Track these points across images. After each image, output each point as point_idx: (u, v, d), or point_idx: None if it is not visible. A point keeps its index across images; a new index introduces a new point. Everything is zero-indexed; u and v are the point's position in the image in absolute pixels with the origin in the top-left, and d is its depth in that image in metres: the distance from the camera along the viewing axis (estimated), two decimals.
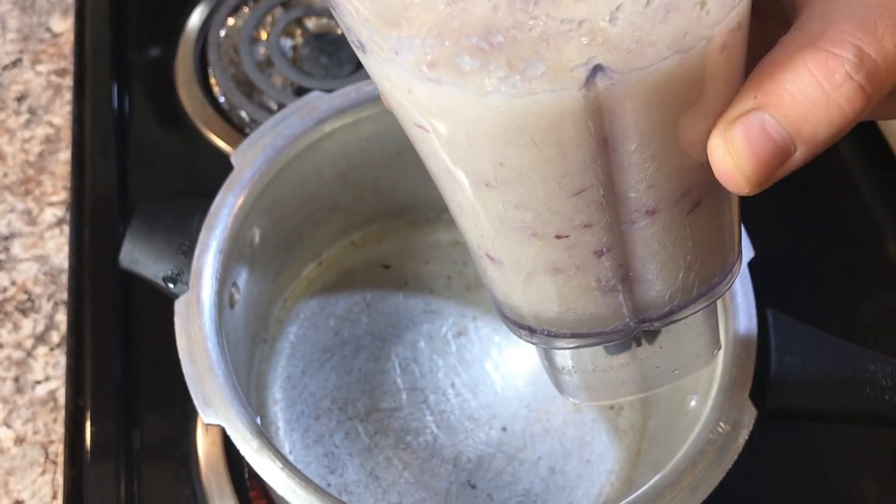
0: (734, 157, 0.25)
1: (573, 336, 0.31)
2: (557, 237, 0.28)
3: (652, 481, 0.40)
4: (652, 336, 0.32)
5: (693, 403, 0.46)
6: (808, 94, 0.24)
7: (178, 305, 0.42)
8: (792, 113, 0.24)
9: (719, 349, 0.34)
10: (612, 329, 0.31)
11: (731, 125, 0.25)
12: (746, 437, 0.40)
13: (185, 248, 0.45)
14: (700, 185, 0.27)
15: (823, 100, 0.24)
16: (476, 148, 0.26)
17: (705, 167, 0.26)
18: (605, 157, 0.26)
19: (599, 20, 0.22)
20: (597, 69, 0.23)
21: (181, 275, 0.45)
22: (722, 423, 0.41)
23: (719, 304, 0.38)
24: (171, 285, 0.45)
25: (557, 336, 0.31)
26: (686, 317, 0.31)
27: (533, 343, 0.32)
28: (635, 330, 0.31)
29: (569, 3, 0.22)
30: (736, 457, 0.40)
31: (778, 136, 0.24)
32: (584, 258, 0.28)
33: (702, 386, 0.45)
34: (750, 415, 0.41)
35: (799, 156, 0.25)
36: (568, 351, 0.33)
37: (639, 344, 0.32)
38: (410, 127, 0.27)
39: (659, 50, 0.23)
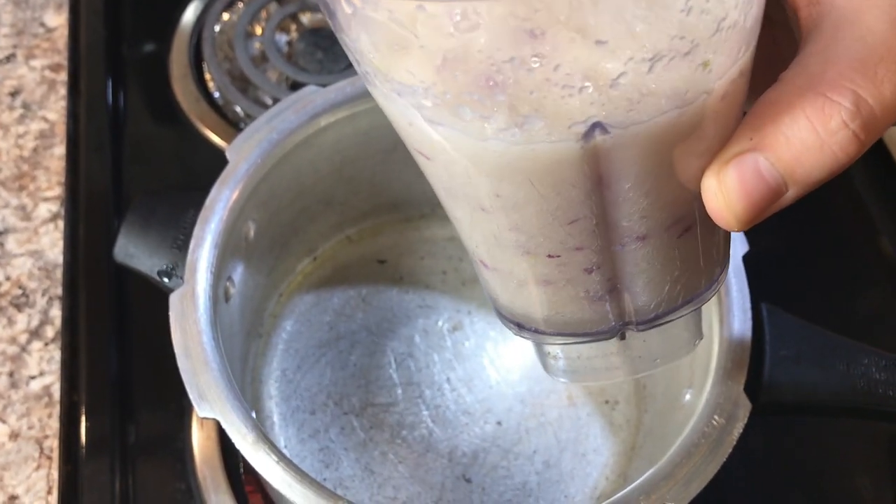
0: (726, 197, 0.25)
1: (560, 335, 0.32)
2: (549, 256, 0.29)
3: (646, 474, 0.40)
4: (638, 328, 0.33)
5: (688, 397, 0.46)
6: (804, 138, 0.24)
7: (173, 299, 0.42)
8: (786, 156, 0.24)
9: (701, 339, 0.35)
10: (597, 330, 0.32)
11: (725, 166, 0.25)
12: (741, 431, 0.40)
13: (180, 242, 0.45)
14: (691, 214, 0.28)
15: (818, 145, 0.24)
16: (473, 180, 0.27)
17: (697, 198, 0.26)
18: (600, 194, 0.26)
19: (601, 85, 0.23)
20: (595, 125, 0.24)
21: (176, 269, 0.45)
22: (716, 417, 0.41)
23: (714, 297, 0.39)
24: (165, 279, 0.45)
25: (545, 334, 0.32)
26: (670, 321, 0.32)
27: (522, 337, 0.34)
28: (620, 330, 0.32)
29: (569, 68, 0.22)
30: (730, 450, 0.40)
31: (771, 178, 0.25)
32: (574, 274, 0.29)
33: (697, 380, 0.45)
34: (744, 408, 0.41)
35: (790, 196, 0.25)
36: (558, 345, 0.34)
37: (623, 338, 0.33)
38: (413, 151, 0.29)
39: (659, 106, 0.24)
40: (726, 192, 0.25)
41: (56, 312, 0.57)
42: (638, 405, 0.54)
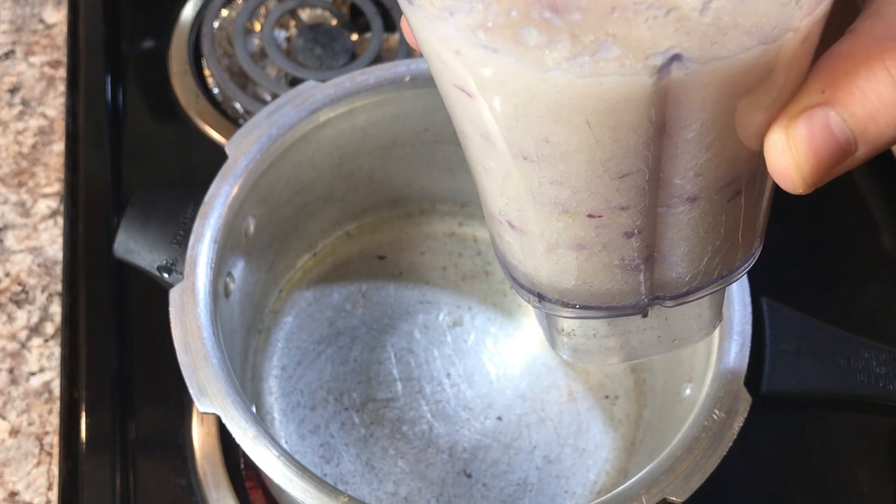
0: (794, 155, 0.23)
1: (583, 307, 0.30)
2: (590, 216, 0.26)
3: (647, 469, 0.40)
4: (660, 309, 0.32)
5: (688, 391, 0.46)
6: (881, 93, 0.22)
7: (173, 295, 0.42)
8: (860, 112, 0.22)
9: (721, 321, 0.34)
10: (623, 304, 0.30)
11: (794, 120, 0.23)
12: (741, 425, 0.40)
13: (180, 237, 0.45)
14: (745, 175, 0.26)
15: (894, 102, 0.22)
16: (523, 121, 0.24)
17: (756, 158, 0.25)
18: (659, 144, 0.24)
19: (690, 9, 0.21)
20: (674, 58, 0.22)
21: (176, 265, 0.45)
22: (717, 411, 0.41)
23: None
24: (165, 275, 0.45)
25: (567, 306, 0.30)
26: (700, 297, 0.30)
27: (539, 308, 0.31)
28: (647, 306, 0.30)
29: None
30: (731, 444, 0.40)
31: (841, 135, 0.23)
32: (612, 238, 0.27)
33: (697, 374, 0.45)
34: (745, 402, 0.41)
35: (859, 156, 0.23)
36: (574, 319, 0.32)
37: (645, 315, 0.31)
38: (448, 87, 0.26)
39: (743, 41, 0.22)
40: (795, 150, 0.23)
41: (56, 309, 0.57)
42: (638, 400, 0.54)
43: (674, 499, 0.39)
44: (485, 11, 0.22)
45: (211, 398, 0.39)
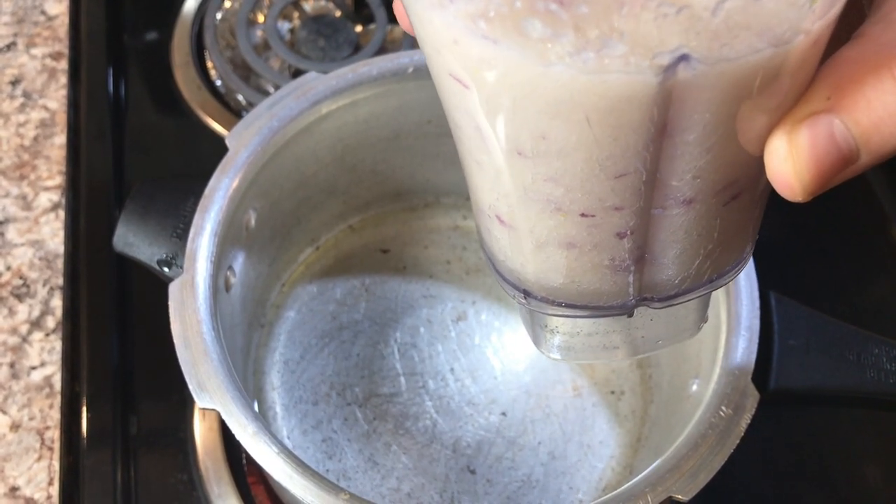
0: (795, 162, 0.23)
1: (569, 306, 0.30)
2: (583, 215, 0.26)
3: (653, 466, 0.39)
4: (645, 310, 0.31)
5: (695, 388, 0.45)
6: (887, 103, 0.22)
7: (173, 289, 0.42)
8: (865, 121, 0.22)
9: (706, 322, 0.34)
10: (610, 305, 0.29)
11: (797, 125, 0.23)
12: (749, 421, 0.40)
13: (180, 231, 0.45)
14: (743, 180, 0.26)
15: None
16: (520, 116, 0.23)
17: (755, 162, 0.24)
18: (659, 145, 0.24)
19: (701, 8, 0.20)
20: (682, 58, 0.21)
21: (176, 258, 0.44)
22: (724, 407, 0.40)
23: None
24: (165, 269, 0.44)
25: (553, 304, 0.30)
26: (688, 300, 0.30)
27: (525, 305, 0.31)
28: (634, 307, 0.30)
29: None
30: (738, 441, 0.39)
31: (844, 144, 0.22)
32: (603, 238, 0.27)
33: (704, 370, 0.44)
34: (752, 398, 0.40)
35: (860, 165, 0.23)
36: (560, 317, 0.32)
37: (630, 315, 0.31)
38: (443, 76, 0.25)
39: (753, 43, 0.21)
40: (796, 157, 0.23)
41: (57, 303, 0.56)
42: (644, 396, 0.53)
43: (680, 497, 0.38)
44: (487, 0, 0.21)
45: (210, 394, 0.39)
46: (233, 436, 0.39)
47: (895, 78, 0.22)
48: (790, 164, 0.23)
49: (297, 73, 0.65)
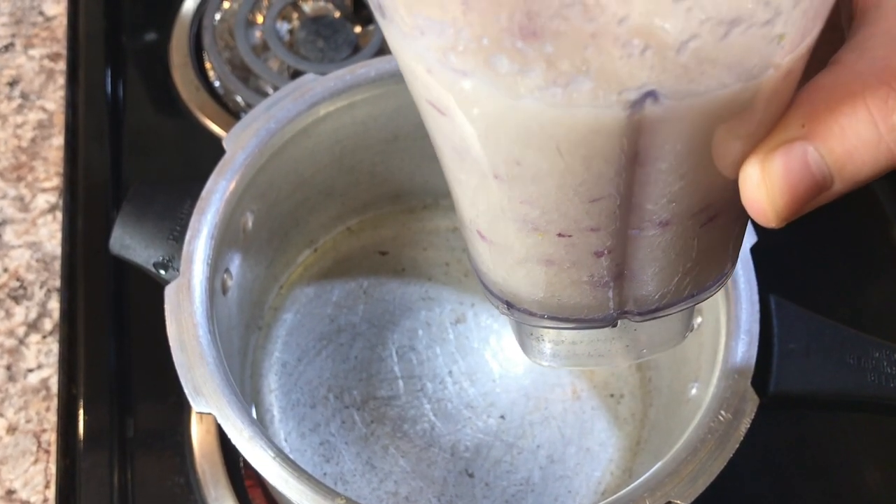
0: (769, 189, 0.23)
1: (552, 318, 0.30)
2: (560, 235, 0.26)
3: (652, 470, 0.39)
4: (629, 322, 0.32)
5: (694, 391, 0.45)
6: (860, 132, 0.22)
7: (169, 292, 0.41)
8: (838, 150, 0.22)
9: (692, 331, 0.34)
10: (592, 318, 0.30)
11: (771, 153, 0.23)
12: (748, 425, 0.40)
13: (177, 233, 0.44)
14: (720, 202, 0.26)
15: (875, 141, 0.22)
16: (493, 143, 0.24)
17: (731, 186, 0.24)
18: (632, 172, 0.24)
19: (666, 49, 0.20)
20: (649, 94, 0.21)
21: (172, 261, 0.44)
22: (723, 412, 0.40)
23: (721, 289, 0.38)
24: (162, 271, 0.44)
25: (536, 316, 0.30)
26: (669, 315, 0.31)
27: (508, 315, 0.31)
28: (615, 319, 0.30)
29: (636, 21, 0.20)
30: (737, 445, 0.39)
31: (818, 172, 0.23)
32: (581, 256, 0.27)
33: (703, 373, 0.44)
34: (752, 402, 0.40)
35: (833, 192, 0.23)
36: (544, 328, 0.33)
37: (614, 326, 0.31)
38: (422, 102, 0.25)
39: (721, 78, 0.21)
40: (770, 185, 0.23)
41: (54, 305, 0.56)
42: (643, 399, 0.53)
43: (679, 502, 0.38)
44: (455, 36, 0.21)
45: (206, 397, 0.39)
46: (230, 439, 0.39)
47: (867, 107, 0.22)
48: (763, 190, 0.23)
49: (295, 74, 0.65)
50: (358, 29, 0.69)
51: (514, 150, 0.24)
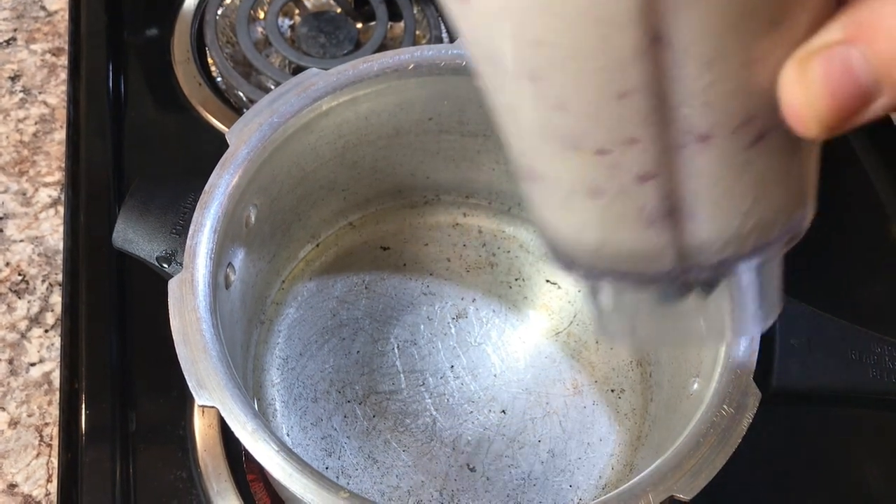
0: (807, 92, 0.21)
1: (612, 273, 0.28)
2: (599, 152, 0.25)
3: (655, 464, 0.39)
4: (703, 289, 0.30)
5: (696, 386, 0.45)
6: None
7: (172, 286, 0.41)
8: (886, 50, 0.20)
9: (779, 312, 0.31)
10: (655, 272, 0.28)
11: (811, 56, 0.21)
12: (750, 421, 0.40)
13: (179, 227, 0.44)
14: (765, 116, 0.24)
15: None
16: (513, 18, 0.23)
17: (772, 95, 0.23)
18: (655, 55, 0.22)
19: None
20: None
21: (175, 255, 0.44)
22: (725, 406, 0.40)
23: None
24: (165, 265, 0.44)
25: (596, 271, 0.29)
26: (740, 271, 0.28)
27: (573, 276, 0.30)
28: (681, 278, 0.28)
29: None
30: (739, 440, 0.39)
31: (863, 76, 0.21)
32: (627, 181, 0.25)
33: (705, 369, 0.44)
34: (754, 397, 0.40)
35: (881, 104, 0.21)
36: (611, 290, 0.31)
37: (689, 292, 0.29)
38: (451, 3, 0.25)
39: None
40: (808, 87, 0.21)
41: (56, 299, 0.56)
42: (644, 394, 0.53)
43: (681, 497, 0.38)
44: None
45: (209, 391, 0.39)
46: (232, 433, 0.39)
47: None
48: (801, 93, 0.22)
49: (297, 70, 0.65)
50: (359, 25, 0.69)
51: (532, 24, 0.23)
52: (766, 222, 0.27)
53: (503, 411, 0.53)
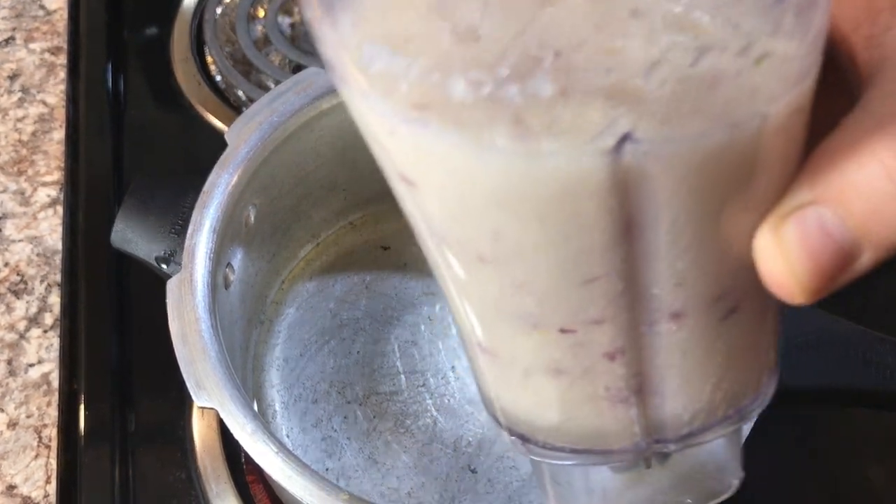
0: (786, 259, 0.21)
1: (573, 452, 0.27)
2: (562, 331, 0.24)
3: None
4: (664, 458, 0.28)
5: None
6: (876, 188, 0.20)
7: (171, 286, 0.41)
8: (858, 210, 0.20)
9: (741, 479, 0.30)
10: (619, 448, 0.26)
11: (782, 221, 0.21)
12: (754, 420, 0.39)
13: (178, 227, 0.44)
14: (738, 290, 0.23)
15: (892, 194, 0.20)
16: (468, 211, 0.22)
17: (747, 269, 0.22)
18: (628, 245, 0.21)
19: (632, 76, 0.19)
20: (625, 137, 0.19)
21: (174, 255, 0.44)
22: None
23: None
24: (163, 266, 0.44)
25: (555, 449, 0.27)
26: (707, 441, 0.27)
27: (526, 455, 0.28)
28: (646, 451, 0.27)
29: (599, 52, 0.18)
30: (743, 440, 0.39)
31: (840, 237, 0.20)
32: (592, 360, 0.24)
33: None
34: None
35: (866, 261, 0.21)
36: (567, 469, 0.29)
37: (648, 466, 0.28)
38: (394, 180, 0.23)
39: (702, 122, 0.19)
40: (786, 253, 0.21)
41: (55, 299, 0.56)
42: None
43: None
44: (419, 83, 0.20)
45: (208, 392, 0.39)
46: (232, 434, 0.39)
47: (880, 160, 0.20)
48: (780, 261, 0.21)
49: (297, 69, 0.65)
50: None
51: (490, 216, 0.21)
52: (735, 392, 0.26)
53: None
